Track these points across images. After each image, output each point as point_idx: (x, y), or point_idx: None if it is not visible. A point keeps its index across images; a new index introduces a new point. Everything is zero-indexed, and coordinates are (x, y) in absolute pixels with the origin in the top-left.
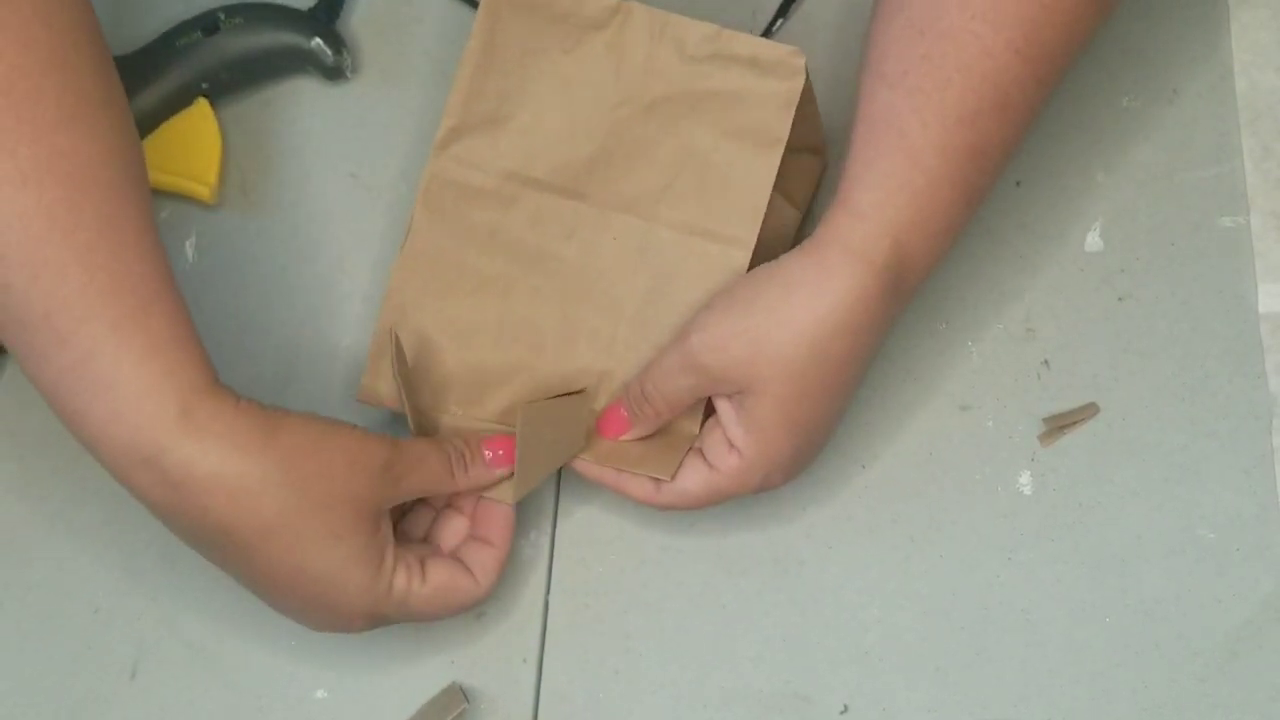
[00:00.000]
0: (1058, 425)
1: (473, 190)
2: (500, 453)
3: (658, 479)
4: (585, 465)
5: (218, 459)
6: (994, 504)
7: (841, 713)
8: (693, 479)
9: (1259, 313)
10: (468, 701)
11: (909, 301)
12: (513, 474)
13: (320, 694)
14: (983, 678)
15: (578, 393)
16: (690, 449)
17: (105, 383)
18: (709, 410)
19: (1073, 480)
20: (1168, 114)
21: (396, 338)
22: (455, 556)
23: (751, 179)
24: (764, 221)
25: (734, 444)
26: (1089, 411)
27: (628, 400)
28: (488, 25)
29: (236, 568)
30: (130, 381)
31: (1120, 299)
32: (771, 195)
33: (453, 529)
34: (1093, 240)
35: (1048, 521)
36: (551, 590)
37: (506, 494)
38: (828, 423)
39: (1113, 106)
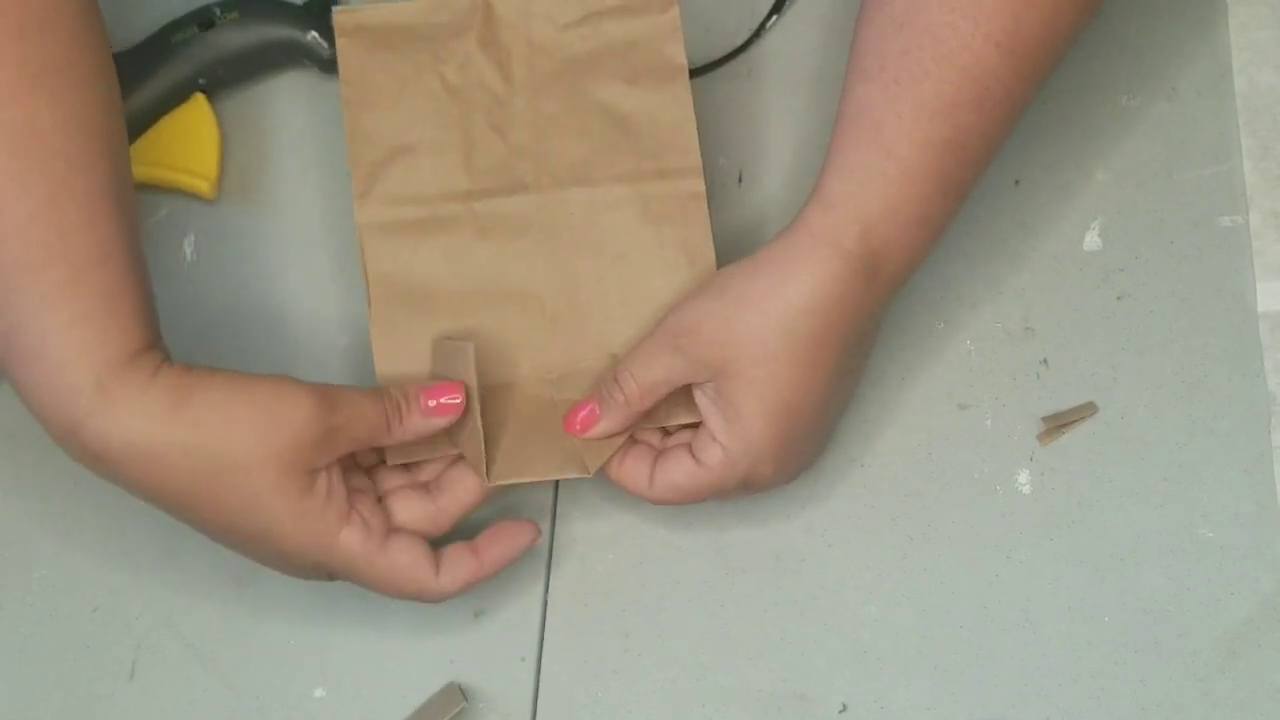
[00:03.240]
0: (1056, 424)
1: (410, 224)
2: (438, 402)
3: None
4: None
5: (129, 430)
6: (993, 503)
7: (840, 711)
8: (680, 471)
9: (1258, 311)
10: (466, 700)
11: (892, 291)
12: (455, 428)
13: (319, 693)
14: (981, 676)
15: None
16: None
17: (31, 354)
18: None
19: (1071, 479)
20: (1166, 113)
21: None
22: (433, 547)
23: (671, 111)
24: None
25: (715, 436)
26: (1088, 410)
27: (600, 388)
28: (354, 67)
29: (185, 523)
30: (51, 354)
31: (1119, 298)
32: None
33: (411, 505)
34: (1091, 239)
35: (1046, 520)
36: (550, 589)
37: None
38: (813, 414)
39: (1112, 105)
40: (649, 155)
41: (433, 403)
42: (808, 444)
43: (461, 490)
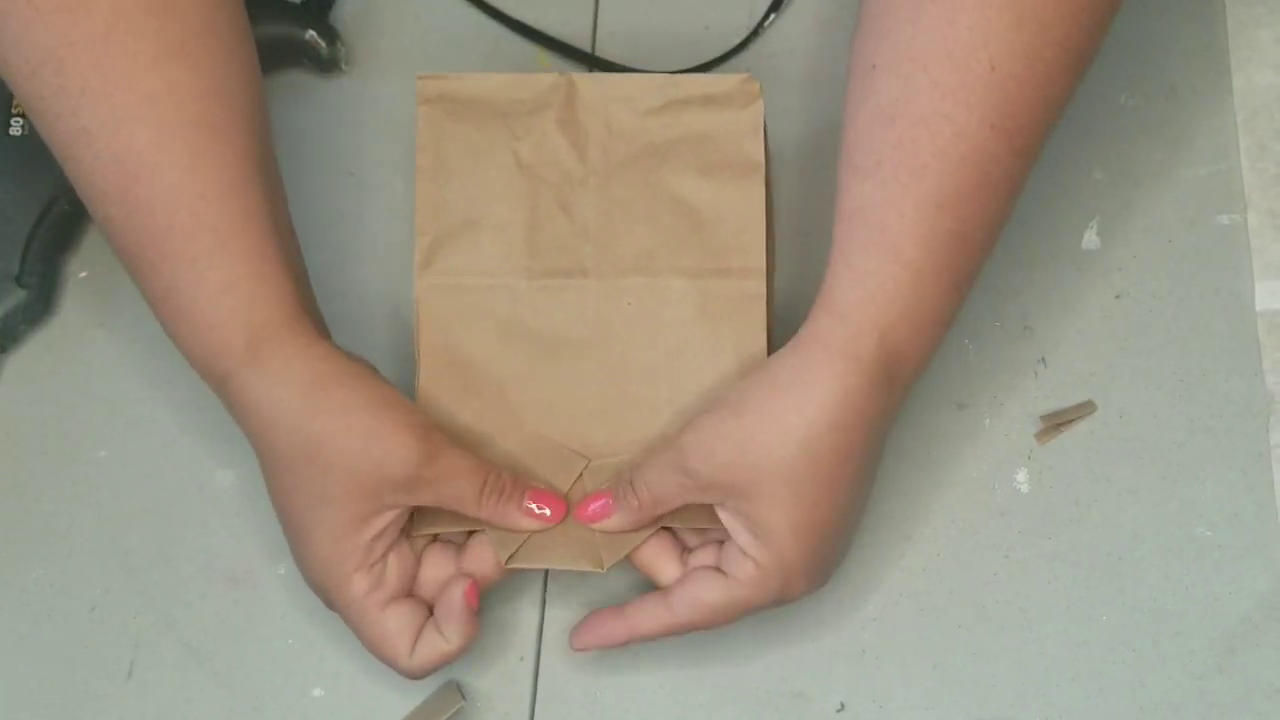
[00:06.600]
0: (1055, 423)
1: (469, 298)
2: (538, 508)
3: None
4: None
5: (265, 389)
6: (991, 502)
7: (838, 710)
8: (709, 589)
9: (1256, 310)
10: (465, 699)
11: (908, 390)
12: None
13: (317, 692)
14: (979, 676)
15: None
16: (708, 545)
17: (185, 314)
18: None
19: (1070, 478)
20: (1165, 112)
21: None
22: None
23: (742, 208)
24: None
25: (746, 552)
26: (1086, 409)
27: (615, 486)
28: (432, 137)
29: (268, 492)
30: (203, 316)
31: (1117, 297)
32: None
33: (439, 563)
34: (1090, 238)
35: (1045, 519)
36: (549, 588)
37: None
38: (841, 523)
39: (1110, 104)
40: (713, 252)
41: (534, 506)
42: (837, 552)
43: (485, 565)
